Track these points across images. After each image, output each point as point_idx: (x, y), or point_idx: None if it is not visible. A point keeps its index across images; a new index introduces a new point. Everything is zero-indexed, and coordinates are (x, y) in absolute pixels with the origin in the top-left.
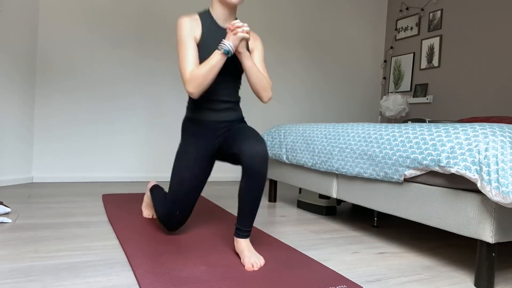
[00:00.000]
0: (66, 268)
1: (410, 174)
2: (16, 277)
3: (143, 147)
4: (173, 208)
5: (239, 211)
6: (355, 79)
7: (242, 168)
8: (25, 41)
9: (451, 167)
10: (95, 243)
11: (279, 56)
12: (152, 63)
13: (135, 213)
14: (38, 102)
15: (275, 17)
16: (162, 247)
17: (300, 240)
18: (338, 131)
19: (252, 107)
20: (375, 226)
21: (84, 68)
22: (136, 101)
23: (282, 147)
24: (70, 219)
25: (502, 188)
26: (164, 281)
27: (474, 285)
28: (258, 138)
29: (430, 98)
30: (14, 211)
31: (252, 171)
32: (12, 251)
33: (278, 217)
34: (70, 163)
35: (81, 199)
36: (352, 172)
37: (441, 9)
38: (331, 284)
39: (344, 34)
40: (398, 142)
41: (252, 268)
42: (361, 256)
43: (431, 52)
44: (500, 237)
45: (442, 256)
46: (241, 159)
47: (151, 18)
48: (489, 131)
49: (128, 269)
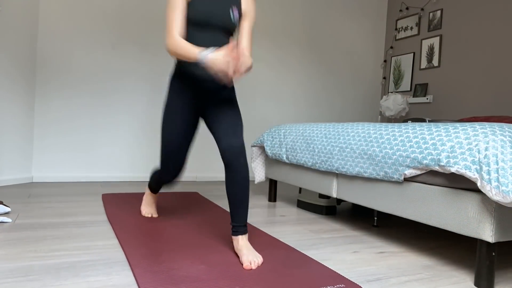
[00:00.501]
0: (66, 268)
1: (410, 174)
2: (16, 277)
3: (143, 147)
4: (167, 161)
5: (230, 208)
6: (355, 79)
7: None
8: (25, 40)
9: (451, 167)
10: (95, 243)
11: (279, 56)
12: (152, 63)
13: (135, 212)
14: (38, 101)
15: (275, 17)
16: (161, 246)
17: (300, 240)
18: (338, 130)
19: (252, 107)
20: (375, 226)
21: (84, 68)
22: (136, 101)
23: (282, 146)
24: (70, 219)
25: (502, 187)
26: (163, 280)
27: (474, 285)
28: (236, 128)
29: (430, 98)
30: (14, 211)
31: (232, 165)
32: (12, 251)
33: (278, 216)
34: (70, 162)
35: (81, 198)
36: (352, 171)
37: (441, 9)
38: (330, 283)
39: (344, 34)
40: (398, 141)
41: (250, 266)
42: (361, 255)
43: (431, 52)
44: (500, 236)
45: (442, 256)
46: (220, 153)
47: (151, 17)
48: (489, 130)
49: (128, 269)
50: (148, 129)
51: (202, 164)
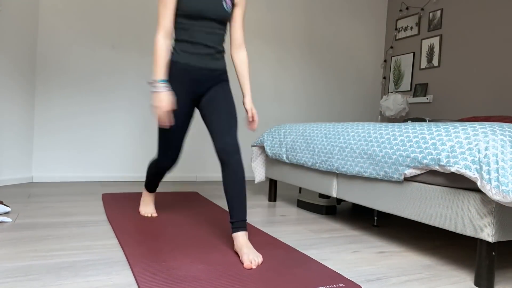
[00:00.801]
0: (66, 267)
1: (410, 173)
2: (16, 276)
3: (144, 146)
4: (166, 150)
5: (229, 205)
6: (355, 79)
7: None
8: (25, 40)
9: (451, 166)
10: (95, 242)
11: (279, 55)
12: (152, 62)
13: (135, 212)
14: (38, 101)
15: (275, 16)
16: (160, 246)
17: (300, 240)
18: (338, 130)
19: None
20: (375, 226)
21: (84, 68)
22: (136, 101)
23: (282, 146)
24: (70, 219)
25: (502, 187)
26: (162, 279)
27: (474, 284)
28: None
29: (430, 98)
30: (14, 211)
31: (227, 163)
32: (12, 250)
33: (278, 216)
34: (70, 162)
35: (81, 198)
36: (352, 171)
37: (441, 9)
38: (329, 282)
39: (344, 34)
40: (398, 141)
41: (251, 265)
42: (361, 255)
43: (431, 51)
44: (500, 236)
45: (442, 255)
46: (216, 151)
47: (151, 17)
48: (489, 130)
49: (128, 268)
50: (149, 129)
51: (202, 164)
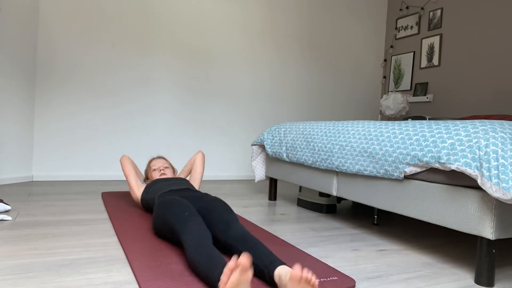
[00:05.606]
0: (67, 265)
1: (410, 171)
2: (16, 273)
3: (143, 146)
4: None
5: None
6: (355, 78)
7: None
8: (25, 40)
9: (451, 164)
10: (95, 240)
11: (279, 55)
12: (152, 62)
13: (135, 210)
14: (38, 100)
15: (275, 16)
16: (160, 242)
17: (301, 238)
18: (338, 129)
19: (252, 107)
20: (376, 224)
21: (84, 67)
22: (136, 100)
23: (282, 145)
24: (70, 217)
25: (502, 184)
26: (161, 274)
27: (475, 282)
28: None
29: (430, 97)
30: (14, 209)
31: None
32: (13, 248)
33: (278, 215)
34: (70, 161)
35: (81, 197)
36: (352, 169)
37: (441, 8)
38: (323, 276)
39: (344, 33)
40: (398, 139)
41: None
42: (361, 253)
43: (431, 51)
44: (500, 233)
45: (442, 253)
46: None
47: (151, 16)
48: (489, 127)
49: (128, 266)
50: (148, 128)
51: None
